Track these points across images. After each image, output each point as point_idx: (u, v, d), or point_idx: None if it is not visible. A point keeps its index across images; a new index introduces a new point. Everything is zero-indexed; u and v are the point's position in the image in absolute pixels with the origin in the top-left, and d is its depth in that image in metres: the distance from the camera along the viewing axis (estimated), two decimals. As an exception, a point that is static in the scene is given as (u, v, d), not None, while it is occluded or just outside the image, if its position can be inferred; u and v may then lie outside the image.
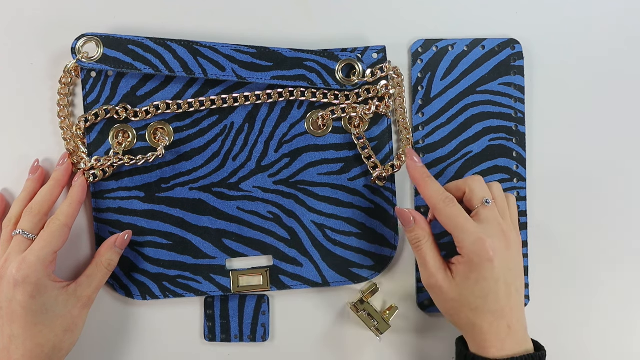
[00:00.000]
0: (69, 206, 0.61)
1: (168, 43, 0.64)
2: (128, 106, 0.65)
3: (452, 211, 0.59)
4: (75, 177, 0.63)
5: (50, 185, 0.63)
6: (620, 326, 0.69)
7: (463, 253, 0.58)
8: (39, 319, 0.58)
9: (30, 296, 0.57)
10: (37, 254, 0.58)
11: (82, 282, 0.61)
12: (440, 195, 0.60)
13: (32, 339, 0.57)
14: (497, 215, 0.59)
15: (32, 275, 0.57)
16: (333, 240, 0.66)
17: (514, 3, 0.68)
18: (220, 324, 0.67)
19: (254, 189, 0.66)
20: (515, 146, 0.68)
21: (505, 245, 0.58)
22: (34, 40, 0.66)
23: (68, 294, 0.60)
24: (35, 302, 0.57)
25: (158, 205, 0.66)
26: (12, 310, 0.57)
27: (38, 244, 0.59)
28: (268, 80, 0.64)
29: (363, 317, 0.65)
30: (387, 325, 0.65)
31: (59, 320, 0.59)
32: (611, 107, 0.69)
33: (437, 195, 0.60)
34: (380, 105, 0.65)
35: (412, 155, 0.63)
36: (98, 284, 0.62)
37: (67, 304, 0.60)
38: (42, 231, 0.60)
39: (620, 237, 0.69)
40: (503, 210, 0.60)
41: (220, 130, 0.66)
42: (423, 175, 0.62)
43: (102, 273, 0.62)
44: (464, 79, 0.67)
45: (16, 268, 0.57)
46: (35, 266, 0.58)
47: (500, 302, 0.57)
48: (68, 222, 0.61)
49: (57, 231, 0.60)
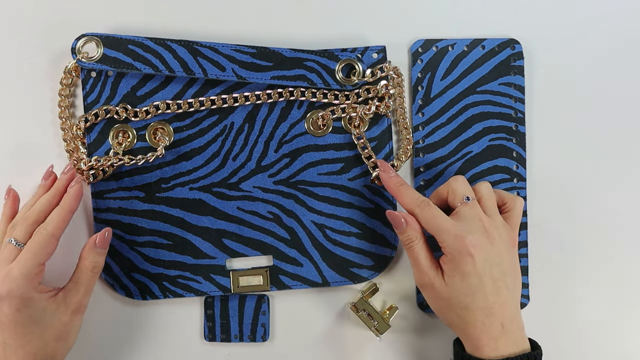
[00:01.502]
0: (58, 215, 0.59)
1: (168, 43, 0.64)
2: (128, 106, 0.65)
3: (429, 213, 0.59)
4: (72, 183, 0.61)
5: (51, 195, 0.61)
6: (620, 326, 0.69)
7: (446, 252, 0.58)
8: (28, 329, 0.57)
9: (16, 309, 0.56)
10: (20, 268, 0.56)
11: (70, 288, 0.60)
12: (416, 201, 0.60)
13: (24, 347, 0.57)
14: (478, 211, 0.59)
15: (16, 290, 0.56)
16: (333, 240, 0.66)
17: (514, 3, 0.68)
18: (220, 324, 0.67)
19: (254, 189, 0.66)
20: (515, 146, 0.68)
21: (488, 241, 0.58)
22: (34, 41, 0.66)
23: (57, 303, 0.59)
24: (21, 315, 0.56)
25: (158, 205, 0.66)
26: (1, 321, 0.57)
27: (23, 256, 0.57)
28: (268, 80, 0.64)
29: (363, 317, 0.65)
30: (387, 325, 0.65)
31: (50, 329, 0.58)
32: (611, 107, 0.69)
33: (413, 201, 0.60)
34: (380, 105, 0.65)
35: (384, 167, 0.63)
36: (86, 289, 0.60)
37: (57, 312, 0.58)
38: (29, 241, 0.58)
39: (620, 237, 0.69)
40: (489, 208, 0.60)
41: (220, 130, 0.66)
42: (397, 184, 0.62)
43: (88, 276, 0.60)
44: (464, 79, 0.67)
45: (0, 282, 0.56)
46: (18, 280, 0.56)
47: (488, 299, 0.57)
48: (55, 233, 0.58)
49: (43, 242, 0.58)
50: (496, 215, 0.60)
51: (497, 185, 0.67)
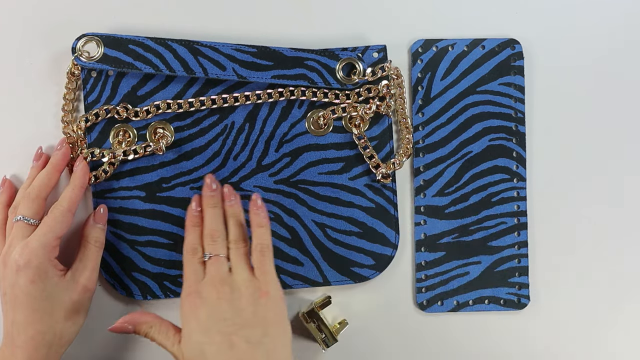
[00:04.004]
0: (71, 191, 0.61)
1: (168, 43, 0.64)
2: (129, 106, 0.65)
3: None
4: (77, 162, 0.63)
5: (48, 170, 0.63)
6: (620, 326, 0.69)
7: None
8: (39, 305, 0.58)
9: (32, 281, 0.57)
10: (39, 239, 0.58)
11: (77, 266, 0.61)
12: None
13: (33, 325, 0.58)
14: (213, 268, 0.59)
15: (34, 260, 0.58)
16: (334, 240, 0.66)
17: (514, 3, 0.68)
18: (220, 324, 0.67)
19: (255, 188, 0.66)
20: (515, 146, 0.68)
21: (215, 298, 0.56)
22: (35, 41, 0.66)
23: (67, 281, 0.60)
24: (35, 288, 0.58)
25: (159, 205, 0.65)
26: (15, 296, 0.58)
27: (41, 230, 0.59)
28: (269, 80, 0.64)
29: (312, 328, 0.65)
30: (335, 340, 0.65)
31: (60, 307, 0.59)
32: (611, 107, 0.69)
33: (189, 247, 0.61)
34: (381, 105, 0.65)
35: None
36: (93, 265, 0.62)
37: (67, 289, 0.60)
38: (46, 217, 0.60)
39: (620, 237, 0.69)
40: (232, 262, 0.59)
41: (221, 130, 0.66)
42: (188, 224, 0.62)
43: (92, 251, 0.62)
44: (464, 79, 0.67)
45: (19, 253, 0.58)
46: (37, 251, 0.58)
47: (221, 356, 0.55)
48: (71, 208, 0.61)
49: (60, 216, 0.60)
50: (239, 270, 0.59)
51: (497, 185, 0.67)
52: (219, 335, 0.55)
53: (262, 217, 0.60)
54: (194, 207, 0.62)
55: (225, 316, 0.56)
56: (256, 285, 0.57)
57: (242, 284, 0.57)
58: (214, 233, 0.60)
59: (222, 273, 0.58)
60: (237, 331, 0.55)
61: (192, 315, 0.56)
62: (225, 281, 0.57)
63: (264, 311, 0.57)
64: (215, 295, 0.57)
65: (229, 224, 0.61)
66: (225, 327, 0.56)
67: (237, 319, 0.56)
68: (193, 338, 0.56)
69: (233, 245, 0.60)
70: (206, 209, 0.61)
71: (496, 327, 0.61)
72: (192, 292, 0.57)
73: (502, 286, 0.67)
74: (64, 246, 0.63)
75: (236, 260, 0.59)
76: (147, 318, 0.59)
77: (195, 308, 0.56)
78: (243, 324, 0.56)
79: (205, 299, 0.57)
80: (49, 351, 0.59)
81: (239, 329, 0.56)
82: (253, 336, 0.56)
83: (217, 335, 0.55)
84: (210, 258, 0.59)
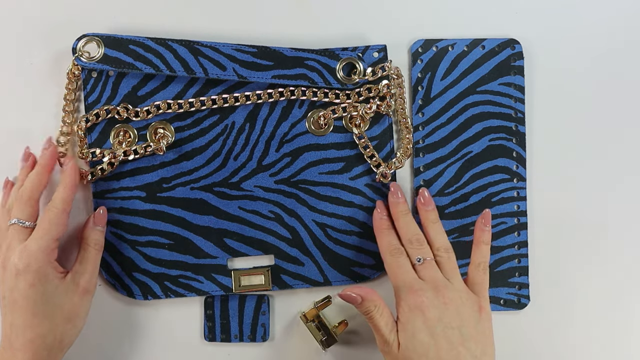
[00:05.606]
0: (63, 191, 0.61)
1: (169, 43, 0.64)
2: (129, 106, 0.65)
3: (396, 262, 0.60)
4: (66, 161, 0.63)
5: (37, 171, 0.62)
6: (620, 326, 0.69)
7: (400, 305, 0.58)
8: (39, 308, 0.58)
9: (31, 284, 0.57)
10: (38, 243, 0.58)
11: (77, 269, 0.61)
12: (391, 247, 0.61)
13: (33, 328, 0.57)
14: (435, 272, 0.59)
15: (34, 263, 0.57)
16: (334, 240, 0.66)
17: (514, 3, 0.68)
18: (220, 324, 0.67)
19: (255, 188, 0.66)
20: (515, 146, 0.68)
21: (442, 302, 0.57)
22: (35, 41, 0.66)
23: (67, 283, 0.60)
24: (35, 291, 0.57)
25: (159, 205, 0.65)
26: (14, 300, 0.57)
27: (38, 233, 0.59)
28: (269, 80, 0.64)
29: (311, 328, 0.65)
30: (335, 340, 0.65)
31: (60, 310, 0.59)
32: (611, 106, 0.69)
33: (389, 247, 0.61)
34: (382, 105, 0.65)
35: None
36: (92, 267, 0.62)
37: (67, 292, 0.60)
38: (41, 220, 0.60)
39: (621, 237, 0.69)
40: (447, 272, 0.60)
41: (222, 130, 0.66)
42: (379, 228, 0.63)
43: (92, 254, 0.62)
44: (464, 79, 0.67)
45: (18, 257, 0.58)
46: (37, 254, 0.58)
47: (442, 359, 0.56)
48: (65, 208, 0.60)
49: (55, 218, 0.59)
50: (455, 279, 0.60)
51: (497, 185, 0.67)
52: (446, 341, 0.56)
53: (488, 234, 0.62)
54: (379, 212, 0.64)
55: (453, 324, 0.56)
56: (474, 299, 0.58)
57: (463, 294, 0.58)
58: (419, 237, 0.61)
59: (441, 279, 0.59)
60: (464, 342, 0.56)
61: (419, 312, 0.57)
62: (447, 287, 0.58)
63: (483, 327, 0.58)
64: (441, 299, 0.57)
65: (432, 230, 0.62)
66: (452, 335, 0.56)
67: (464, 330, 0.57)
68: (418, 336, 0.56)
69: (443, 253, 0.61)
70: (400, 216, 0.63)
71: (496, 327, 0.61)
72: (417, 289, 0.57)
73: (502, 286, 0.67)
74: (62, 248, 0.63)
75: (451, 269, 0.60)
76: (375, 297, 0.59)
77: (422, 305, 0.57)
78: (468, 337, 0.57)
79: (431, 299, 0.57)
80: (49, 354, 0.58)
81: (465, 340, 0.56)
82: (476, 351, 0.56)
83: (443, 340, 0.56)
84: (423, 262, 0.59)
